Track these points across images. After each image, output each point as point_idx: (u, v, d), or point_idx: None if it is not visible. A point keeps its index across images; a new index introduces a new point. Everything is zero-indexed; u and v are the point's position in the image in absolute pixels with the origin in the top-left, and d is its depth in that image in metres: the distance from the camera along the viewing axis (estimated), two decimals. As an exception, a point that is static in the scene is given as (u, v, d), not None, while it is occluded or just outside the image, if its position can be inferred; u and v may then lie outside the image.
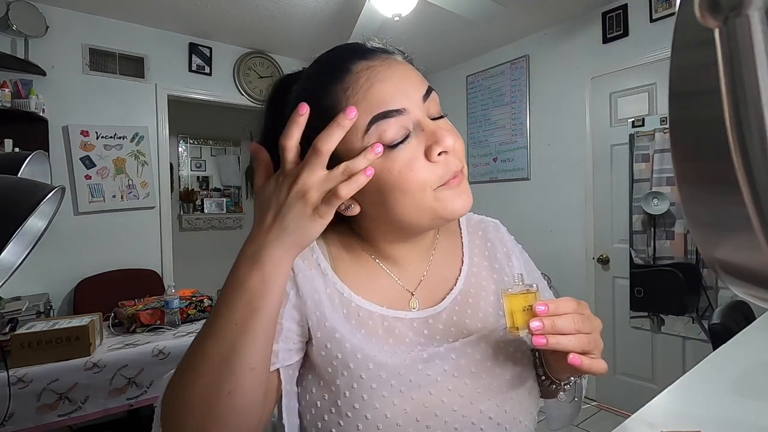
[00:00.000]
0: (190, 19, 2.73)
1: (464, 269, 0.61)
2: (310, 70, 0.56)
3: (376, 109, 0.47)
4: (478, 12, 2.17)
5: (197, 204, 4.42)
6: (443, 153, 0.49)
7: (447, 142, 0.48)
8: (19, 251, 0.73)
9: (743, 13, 0.16)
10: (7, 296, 2.08)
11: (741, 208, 0.18)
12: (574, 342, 0.46)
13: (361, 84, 0.48)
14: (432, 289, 0.58)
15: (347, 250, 0.58)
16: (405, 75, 0.50)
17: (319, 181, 0.43)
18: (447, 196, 0.50)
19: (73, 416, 1.56)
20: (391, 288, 0.57)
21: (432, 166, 0.49)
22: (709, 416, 0.78)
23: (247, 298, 0.44)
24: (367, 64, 0.50)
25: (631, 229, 2.46)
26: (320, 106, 0.48)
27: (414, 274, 0.59)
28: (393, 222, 0.52)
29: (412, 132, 0.49)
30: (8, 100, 2.24)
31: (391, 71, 0.49)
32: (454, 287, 0.59)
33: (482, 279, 0.62)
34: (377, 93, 0.48)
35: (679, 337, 2.38)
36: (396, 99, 0.48)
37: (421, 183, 0.48)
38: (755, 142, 0.17)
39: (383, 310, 0.54)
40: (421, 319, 0.56)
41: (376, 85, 0.48)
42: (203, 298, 2.14)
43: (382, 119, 0.47)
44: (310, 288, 0.52)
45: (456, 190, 0.50)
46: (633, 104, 2.51)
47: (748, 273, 0.22)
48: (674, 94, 0.22)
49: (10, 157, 0.77)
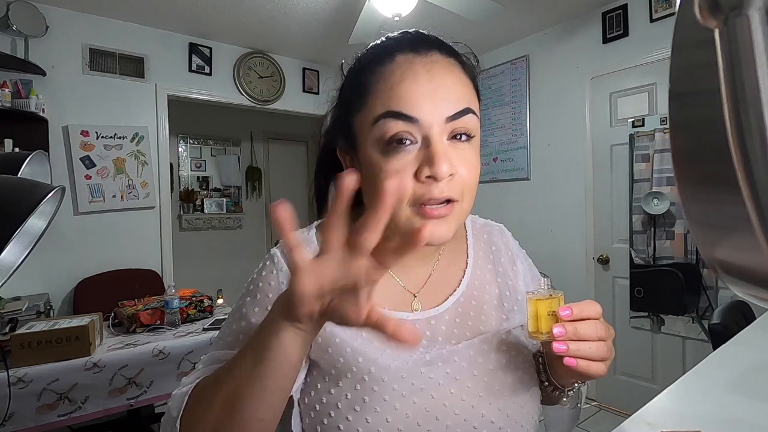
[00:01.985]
0: (190, 19, 2.73)
1: (468, 271, 0.60)
2: (373, 43, 0.55)
3: (393, 105, 0.46)
4: (478, 12, 2.17)
5: (197, 204, 4.42)
6: (430, 178, 0.46)
7: (438, 168, 0.45)
8: (19, 251, 0.73)
9: (743, 13, 0.16)
10: (7, 296, 2.08)
11: (741, 208, 0.18)
12: (594, 350, 0.45)
13: (395, 76, 0.48)
14: (435, 292, 0.58)
15: None
16: (441, 85, 0.47)
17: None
18: (416, 222, 0.47)
19: (73, 416, 1.56)
20: (393, 289, 0.56)
21: (416, 184, 0.46)
22: (709, 416, 0.78)
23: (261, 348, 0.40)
24: (409, 59, 0.48)
25: (631, 229, 2.46)
26: (359, 80, 0.50)
27: (418, 277, 0.58)
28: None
29: (417, 143, 0.47)
30: (8, 100, 2.24)
31: (429, 75, 0.47)
32: (457, 289, 0.58)
33: (486, 282, 0.61)
34: (403, 91, 0.47)
35: (679, 337, 2.38)
36: (415, 106, 0.46)
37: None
38: (755, 142, 0.17)
39: (385, 311, 0.53)
40: (423, 320, 0.55)
41: (405, 83, 0.47)
42: (203, 298, 2.14)
43: (392, 118, 0.46)
44: None
45: (431, 219, 0.47)
46: (633, 104, 2.51)
47: (748, 273, 0.22)
48: (674, 94, 0.22)
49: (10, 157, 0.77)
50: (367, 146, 0.49)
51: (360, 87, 0.50)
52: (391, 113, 0.46)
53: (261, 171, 4.85)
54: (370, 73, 0.49)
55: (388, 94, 0.47)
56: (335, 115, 0.56)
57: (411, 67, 0.48)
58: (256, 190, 4.82)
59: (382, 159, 0.47)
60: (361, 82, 0.50)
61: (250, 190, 4.78)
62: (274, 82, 3.33)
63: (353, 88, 0.51)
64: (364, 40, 2.48)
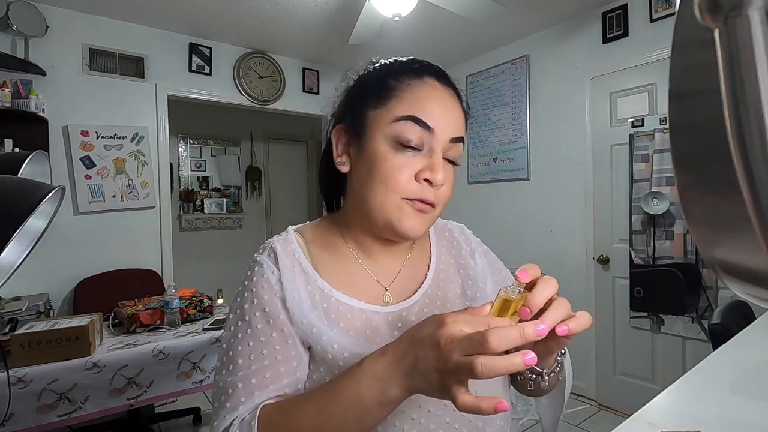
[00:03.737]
0: (190, 19, 2.73)
1: (432, 265, 0.67)
2: (403, 58, 0.63)
3: (417, 113, 0.55)
4: (478, 12, 2.17)
5: (197, 204, 4.42)
6: (427, 181, 0.55)
7: (436, 177, 0.55)
8: (19, 251, 0.73)
9: (743, 13, 0.16)
10: (7, 296, 2.08)
11: (741, 208, 0.18)
12: (563, 308, 0.44)
13: (422, 92, 0.56)
14: (404, 286, 0.64)
15: (327, 247, 0.63)
16: (454, 116, 0.58)
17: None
18: (405, 211, 0.56)
19: (73, 416, 1.56)
20: (367, 282, 0.62)
21: (413, 183, 0.55)
22: (709, 416, 0.78)
23: (360, 413, 0.45)
24: (436, 85, 0.58)
25: (630, 229, 2.46)
26: (386, 81, 0.58)
27: (389, 271, 0.64)
28: (365, 212, 0.58)
29: (424, 150, 0.56)
30: (8, 100, 2.24)
31: (447, 103, 0.58)
32: (424, 282, 0.64)
33: (450, 273, 0.67)
34: (426, 105, 0.56)
35: (679, 337, 2.38)
36: (434, 119, 0.55)
37: (396, 185, 0.55)
38: (755, 142, 0.17)
39: (361, 303, 0.59)
40: (395, 313, 0.60)
41: (429, 100, 0.56)
42: (203, 298, 2.14)
43: (413, 122, 0.55)
44: (292, 287, 0.56)
45: (416, 213, 0.56)
46: (633, 104, 2.51)
47: (748, 273, 0.22)
48: (674, 94, 0.22)
49: (10, 157, 0.77)
50: (379, 138, 0.56)
51: (386, 87, 0.57)
52: (414, 118, 0.55)
53: (261, 171, 4.85)
54: (400, 82, 0.57)
55: (415, 103, 0.55)
56: (349, 100, 0.62)
57: (435, 90, 0.57)
58: (256, 190, 4.82)
59: (390, 153, 0.55)
60: (388, 83, 0.58)
61: (250, 190, 4.78)
62: (274, 82, 3.33)
63: (378, 86, 0.58)
64: (364, 40, 2.48)
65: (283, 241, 0.61)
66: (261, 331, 0.55)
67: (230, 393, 0.52)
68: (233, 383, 0.52)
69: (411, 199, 0.55)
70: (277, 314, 0.55)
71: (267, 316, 0.55)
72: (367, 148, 0.57)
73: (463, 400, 0.38)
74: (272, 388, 0.52)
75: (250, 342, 0.54)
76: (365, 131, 0.58)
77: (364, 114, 0.58)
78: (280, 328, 0.55)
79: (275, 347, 0.54)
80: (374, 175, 0.56)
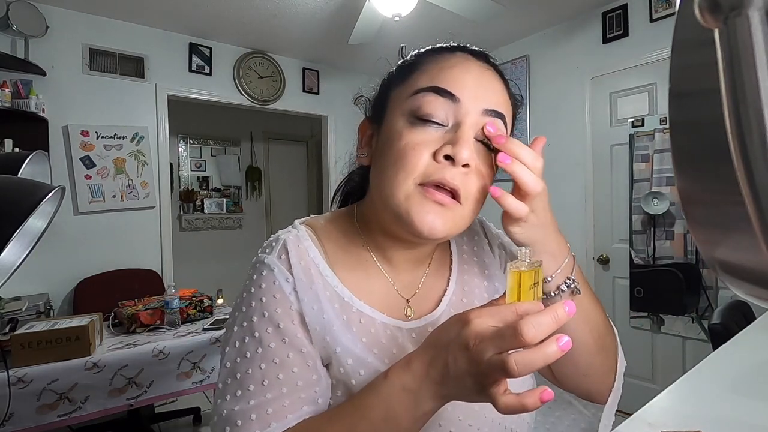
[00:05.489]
0: (190, 19, 2.73)
1: (454, 267, 0.59)
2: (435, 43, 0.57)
3: (439, 82, 0.47)
4: (478, 12, 2.17)
5: (197, 204, 4.42)
6: (449, 159, 0.45)
7: (460, 150, 0.44)
8: (19, 251, 0.73)
9: (743, 13, 0.16)
10: (7, 296, 2.08)
11: (741, 208, 0.18)
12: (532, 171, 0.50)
13: (448, 62, 0.49)
14: (426, 296, 0.56)
15: (344, 248, 0.54)
16: (488, 85, 0.48)
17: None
18: (417, 202, 0.45)
19: (73, 416, 1.56)
20: (388, 292, 0.54)
21: (431, 163, 0.45)
22: (709, 416, 0.78)
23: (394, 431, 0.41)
24: (467, 57, 0.50)
25: (631, 229, 2.46)
26: (411, 60, 0.52)
27: (409, 282, 0.56)
28: (378, 206, 0.50)
29: (446, 126, 0.46)
30: (8, 100, 2.24)
31: (479, 72, 0.48)
32: (447, 289, 0.57)
33: (474, 275, 0.60)
34: (450, 74, 0.47)
35: (679, 337, 2.38)
36: (460, 88, 0.46)
37: (408, 165, 0.45)
38: (755, 142, 0.17)
39: (384, 317, 0.52)
40: (420, 328, 0.53)
41: (457, 69, 0.48)
42: (203, 298, 2.14)
43: (434, 93, 0.46)
44: (310, 298, 0.48)
45: (433, 205, 0.45)
46: (633, 104, 2.51)
47: (748, 273, 0.22)
48: (674, 94, 0.22)
49: (10, 157, 0.77)
50: (396, 116, 0.49)
51: (410, 65, 0.51)
52: (435, 88, 0.46)
53: (261, 171, 4.85)
54: (425, 56, 0.51)
55: (438, 73, 0.48)
56: (379, 90, 0.57)
57: (466, 60, 0.49)
58: (256, 190, 4.82)
59: (406, 128, 0.47)
60: (413, 61, 0.51)
61: (250, 190, 4.78)
62: (274, 82, 3.33)
63: (402, 64, 0.53)
64: (364, 41, 2.48)
65: (294, 238, 0.51)
66: (275, 351, 0.46)
67: (239, 425, 0.43)
68: (244, 413, 0.43)
69: (426, 184, 0.45)
70: (294, 332, 0.46)
71: (282, 333, 0.46)
72: (384, 130, 0.50)
73: (504, 403, 0.34)
74: (291, 418, 0.44)
75: (262, 364, 0.45)
76: (385, 113, 0.51)
77: (387, 95, 0.52)
78: (299, 349, 0.46)
79: (293, 370, 0.45)
80: (387, 156, 0.48)
